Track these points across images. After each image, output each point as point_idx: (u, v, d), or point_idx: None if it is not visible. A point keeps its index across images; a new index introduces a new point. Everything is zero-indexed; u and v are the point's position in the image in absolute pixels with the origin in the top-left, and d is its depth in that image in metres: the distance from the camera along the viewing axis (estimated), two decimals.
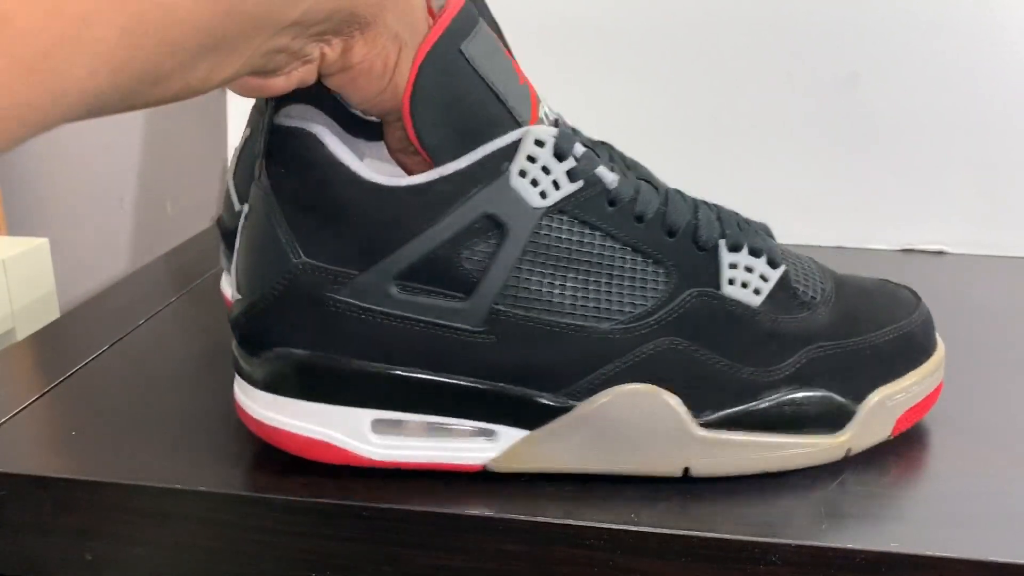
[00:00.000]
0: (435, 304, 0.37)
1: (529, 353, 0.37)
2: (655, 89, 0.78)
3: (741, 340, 0.39)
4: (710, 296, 0.39)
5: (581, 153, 0.37)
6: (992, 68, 0.74)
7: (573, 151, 0.37)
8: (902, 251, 0.76)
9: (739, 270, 0.40)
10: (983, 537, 0.36)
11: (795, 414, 0.39)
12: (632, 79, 0.79)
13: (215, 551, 0.39)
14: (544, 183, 0.37)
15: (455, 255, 0.36)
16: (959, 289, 0.67)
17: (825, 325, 0.41)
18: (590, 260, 0.38)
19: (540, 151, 0.36)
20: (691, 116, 0.78)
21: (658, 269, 0.38)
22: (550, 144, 0.37)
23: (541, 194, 0.37)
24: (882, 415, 0.41)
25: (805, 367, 0.40)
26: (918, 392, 0.42)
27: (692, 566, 0.36)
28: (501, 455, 0.39)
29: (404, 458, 0.39)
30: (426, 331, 0.37)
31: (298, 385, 0.38)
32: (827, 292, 0.42)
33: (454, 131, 0.36)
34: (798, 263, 0.43)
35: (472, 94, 0.35)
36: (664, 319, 0.38)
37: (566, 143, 0.37)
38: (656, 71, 0.78)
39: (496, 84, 0.36)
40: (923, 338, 0.43)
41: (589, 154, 0.38)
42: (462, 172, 0.36)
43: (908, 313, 0.43)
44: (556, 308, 0.37)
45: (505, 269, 0.37)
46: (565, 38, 0.77)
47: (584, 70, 0.77)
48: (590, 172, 0.37)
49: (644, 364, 0.38)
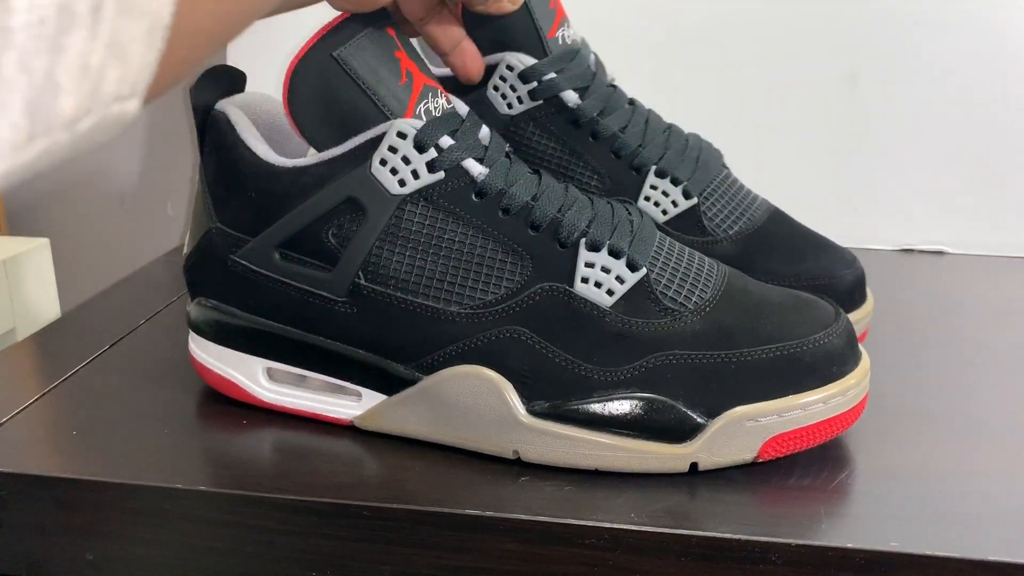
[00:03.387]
0: (308, 273, 0.42)
1: (385, 326, 0.42)
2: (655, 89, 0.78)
3: (585, 338, 0.40)
4: (561, 292, 0.40)
5: (448, 145, 0.41)
6: (992, 68, 0.74)
7: (437, 143, 0.40)
8: (902, 251, 0.76)
9: (595, 269, 0.40)
10: (983, 537, 0.36)
11: (628, 417, 0.39)
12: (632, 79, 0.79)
13: (215, 551, 0.39)
14: (403, 172, 0.40)
15: (322, 231, 0.41)
16: (959, 289, 0.67)
17: (687, 334, 0.40)
18: (449, 246, 0.41)
19: (401, 143, 0.40)
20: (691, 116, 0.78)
21: (515, 260, 0.41)
22: (411, 136, 0.40)
23: (400, 182, 0.41)
24: (740, 434, 0.39)
25: (650, 373, 0.39)
26: (801, 417, 0.39)
27: (692, 566, 0.36)
28: (365, 413, 0.43)
29: (289, 404, 0.44)
30: (300, 296, 0.42)
31: (211, 331, 0.45)
32: (704, 301, 0.41)
33: (331, 124, 0.41)
34: (679, 268, 0.42)
35: (344, 93, 0.40)
36: (511, 309, 0.40)
37: (429, 136, 0.40)
38: (656, 71, 0.78)
39: (368, 84, 0.40)
40: (818, 362, 0.40)
41: (457, 147, 0.41)
42: (334, 159, 0.41)
43: (805, 334, 0.40)
44: (411, 288, 0.41)
45: (364, 247, 0.41)
46: None
47: None
48: (454, 164, 0.41)
49: (485, 348, 0.40)
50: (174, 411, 0.45)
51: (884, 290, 0.62)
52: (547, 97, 0.51)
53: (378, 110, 0.40)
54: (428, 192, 0.41)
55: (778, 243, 0.52)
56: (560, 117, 0.51)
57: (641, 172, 0.51)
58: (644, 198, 0.51)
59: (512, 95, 0.51)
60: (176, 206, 0.95)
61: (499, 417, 0.40)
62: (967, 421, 0.45)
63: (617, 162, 0.52)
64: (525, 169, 0.43)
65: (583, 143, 0.51)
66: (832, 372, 0.40)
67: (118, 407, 0.46)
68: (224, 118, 0.43)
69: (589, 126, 0.51)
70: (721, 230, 0.51)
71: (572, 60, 0.52)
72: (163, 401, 0.46)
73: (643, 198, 0.51)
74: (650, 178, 0.51)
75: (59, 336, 0.55)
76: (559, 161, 0.52)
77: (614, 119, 0.52)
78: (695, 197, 0.51)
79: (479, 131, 0.42)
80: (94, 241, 0.96)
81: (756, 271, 0.48)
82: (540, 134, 0.52)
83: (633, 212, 0.44)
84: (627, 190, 0.51)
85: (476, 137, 0.42)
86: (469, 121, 0.42)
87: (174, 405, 0.46)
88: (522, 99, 0.51)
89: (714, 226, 0.52)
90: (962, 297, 0.65)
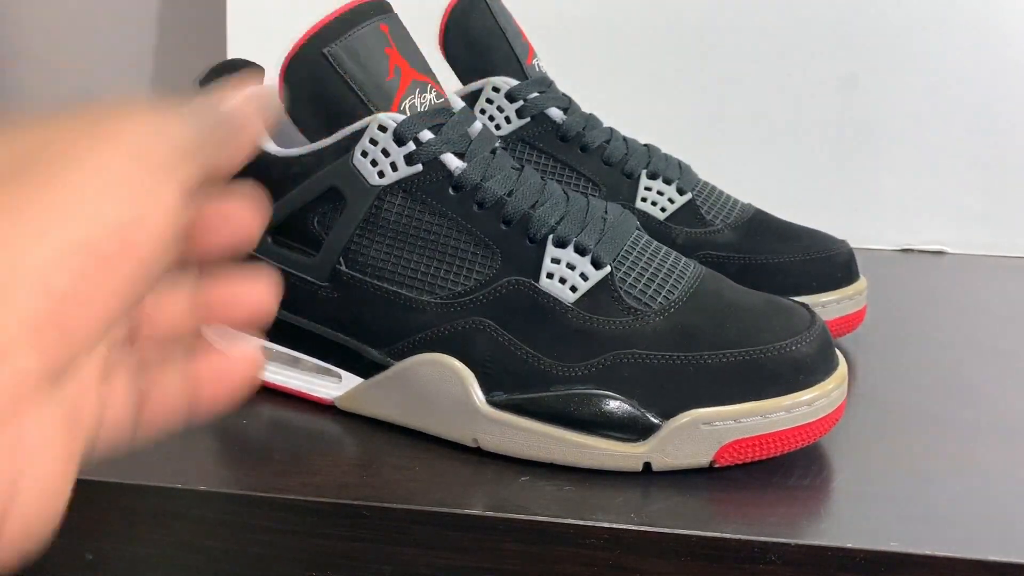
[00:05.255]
0: (295, 257, 0.44)
1: (362, 311, 0.43)
2: (655, 89, 0.78)
3: (546, 332, 0.40)
4: (527, 286, 0.41)
5: (427, 139, 0.42)
6: (992, 68, 0.74)
7: (417, 137, 0.42)
8: (902, 251, 0.76)
9: (560, 265, 0.41)
10: (983, 537, 0.36)
11: (582, 413, 0.39)
12: (632, 79, 0.79)
13: (215, 551, 0.39)
14: (383, 164, 0.42)
15: (308, 217, 0.44)
16: (959, 289, 0.67)
17: (649, 334, 0.40)
18: (425, 237, 0.42)
19: (382, 135, 0.42)
20: (691, 116, 0.78)
21: (486, 253, 0.42)
22: (391, 130, 0.42)
23: (379, 173, 0.42)
24: (695, 437, 0.38)
25: (608, 370, 0.39)
26: (761, 424, 0.38)
27: (692, 566, 0.36)
28: (344, 395, 0.45)
29: (278, 382, 0.46)
30: (288, 279, 0.44)
31: None
32: (670, 302, 0.41)
33: (321, 118, 0.43)
34: (649, 267, 0.42)
35: (332, 87, 0.42)
36: (479, 300, 0.41)
37: (408, 130, 0.42)
38: (656, 71, 0.78)
39: (355, 79, 0.42)
40: (782, 370, 0.39)
41: (436, 140, 0.42)
42: (321, 150, 0.43)
43: (770, 340, 0.39)
44: (387, 276, 0.43)
45: (344, 235, 0.43)
46: (565, 38, 0.77)
47: (584, 70, 0.77)
48: (432, 157, 0.42)
49: (452, 338, 0.41)
50: None
51: (884, 290, 0.62)
52: (534, 115, 0.54)
53: (363, 104, 0.42)
54: (407, 184, 0.42)
55: (774, 227, 0.55)
56: (548, 134, 0.55)
57: (633, 177, 0.54)
58: (641, 199, 0.54)
59: (500, 116, 0.55)
60: None
61: (460, 406, 0.41)
62: (967, 421, 0.45)
63: (610, 170, 0.54)
64: (508, 164, 0.43)
65: (574, 156, 0.54)
66: (798, 381, 0.39)
67: None
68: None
69: (577, 140, 0.54)
70: (720, 219, 0.54)
71: (550, 85, 0.56)
72: None
73: (640, 199, 0.54)
74: (643, 180, 0.54)
75: None
76: (553, 175, 0.54)
77: (596, 134, 0.55)
78: (689, 193, 0.54)
79: (469, 126, 0.43)
80: None
81: (760, 251, 0.53)
82: (531, 151, 0.55)
83: (611, 211, 0.44)
84: (624, 194, 0.54)
85: (463, 132, 0.43)
86: (459, 116, 0.43)
87: None
88: (510, 119, 0.55)
89: (712, 216, 0.54)
90: (962, 297, 0.65)
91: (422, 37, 0.48)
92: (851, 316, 0.53)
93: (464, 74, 0.56)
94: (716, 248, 0.53)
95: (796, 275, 0.52)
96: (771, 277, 0.52)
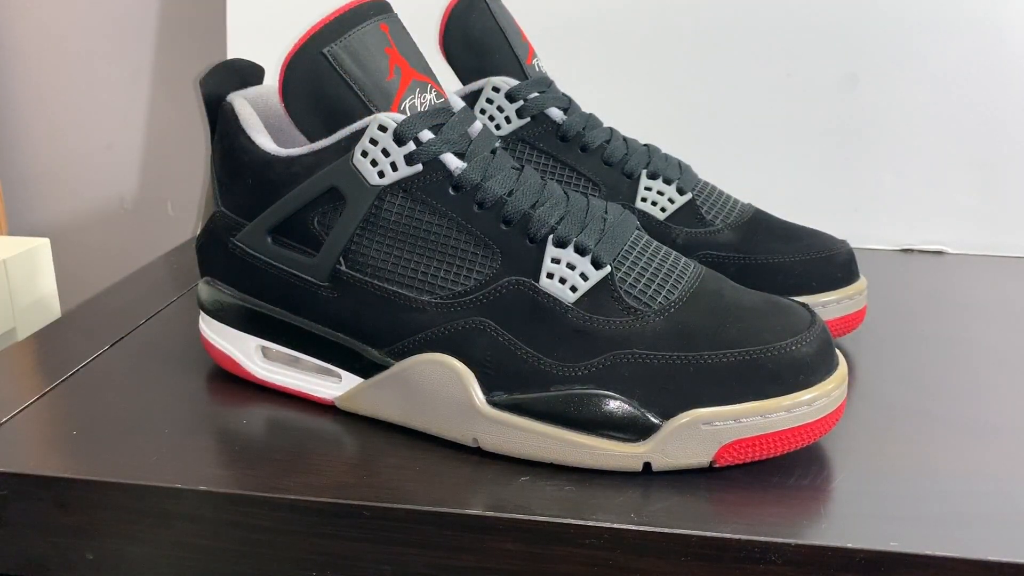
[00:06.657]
0: (295, 257, 0.44)
1: (363, 311, 0.43)
2: (655, 89, 0.78)
3: (546, 332, 0.40)
4: (527, 286, 0.41)
5: (427, 139, 0.42)
6: (992, 68, 0.74)
7: (417, 137, 0.42)
8: (902, 251, 0.76)
9: (560, 265, 0.41)
10: (983, 537, 0.36)
11: (582, 413, 0.39)
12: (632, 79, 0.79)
13: (215, 551, 0.39)
14: (383, 164, 0.42)
15: (308, 217, 0.44)
16: (958, 289, 0.67)
17: (649, 334, 0.40)
18: (425, 238, 0.42)
19: (382, 135, 0.42)
20: (691, 116, 0.78)
21: (486, 253, 0.42)
22: (391, 130, 0.41)
23: (379, 173, 0.42)
24: (696, 437, 0.38)
25: (608, 370, 0.39)
26: (761, 424, 0.38)
27: (692, 566, 0.36)
28: (344, 395, 0.45)
29: (278, 382, 0.47)
30: (288, 279, 0.45)
31: (213, 309, 0.48)
32: (670, 302, 0.41)
33: (321, 118, 0.43)
34: (649, 268, 0.42)
35: (332, 88, 0.42)
36: (479, 300, 0.41)
37: (408, 130, 0.41)
38: (656, 71, 0.78)
39: (355, 79, 0.42)
40: (782, 370, 0.39)
41: (436, 140, 0.42)
42: (321, 149, 0.43)
43: (771, 340, 0.39)
44: (387, 276, 0.43)
45: (344, 235, 0.43)
46: (565, 38, 0.77)
47: (584, 70, 0.77)
48: (432, 157, 0.42)
49: (452, 338, 0.41)
50: (174, 411, 0.45)
51: (884, 290, 0.62)
52: (534, 114, 0.55)
53: (363, 104, 0.42)
54: (407, 184, 0.42)
55: (774, 227, 0.55)
56: (549, 134, 0.55)
57: (633, 177, 0.54)
58: (641, 199, 0.54)
59: (500, 116, 0.55)
60: (176, 206, 0.95)
61: (460, 405, 0.41)
62: (967, 421, 0.45)
63: (610, 170, 0.54)
64: (508, 164, 0.43)
65: (574, 156, 0.54)
66: (798, 381, 0.39)
67: (118, 407, 0.46)
68: (230, 108, 0.46)
69: (577, 140, 0.54)
70: (720, 219, 0.54)
71: (550, 85, 0.56)
72: (163, 401, 0.46)
73: (640, 199, 0.54)
74: (643, 180, 0.54)
75: (59, 336, 0.55)
76: (553, 175, 0.54)
77: (596, 134, 0.55)
78: (689, 193, 0.54)
79: (469, 126, 0.43)
80: (94, 241, 0.97)
81: (760, 251, 0.53)
82: (531, 151, 0.55)
83: (611, 212, 0.44)
84: (624, 194, 0.54)
85: (463, 131, 0.43)
86: (459, 116, 0.43)
87: (174, 405, 0.46)
88: (510, 118, 0.55)
89: (712, 216, 0.54)
90: (962, 297, 0.65)
91: (422, 37, 0.48)
92: (851, 316, 0.53)
93: (464, 74, 0.56)
94: (716, 248, 0.53)
95: (796, 275, 0.52)
96: (771, 277, 0.52)
